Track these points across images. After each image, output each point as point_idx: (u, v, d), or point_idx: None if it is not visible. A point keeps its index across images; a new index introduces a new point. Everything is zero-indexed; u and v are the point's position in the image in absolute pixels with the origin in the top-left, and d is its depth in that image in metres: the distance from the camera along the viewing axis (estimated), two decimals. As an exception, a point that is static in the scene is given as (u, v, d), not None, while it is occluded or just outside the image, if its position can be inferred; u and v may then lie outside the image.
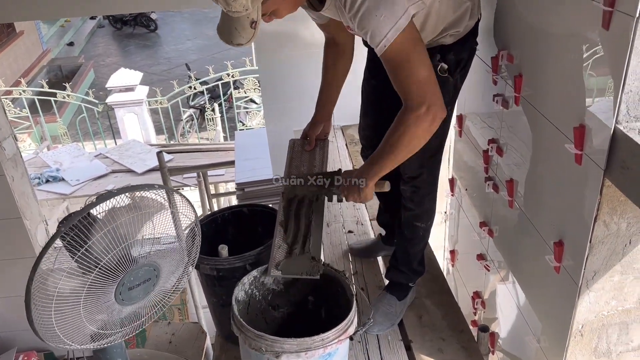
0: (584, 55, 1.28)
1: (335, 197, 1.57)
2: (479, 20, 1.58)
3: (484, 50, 1.83)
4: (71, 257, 1.34)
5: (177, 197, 1.53)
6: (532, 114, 1.57)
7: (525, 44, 1.59)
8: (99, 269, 1.36)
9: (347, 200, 1.50)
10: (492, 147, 1.85)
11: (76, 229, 1.32)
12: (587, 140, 1.29)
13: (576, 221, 1.39)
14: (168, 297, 1.60)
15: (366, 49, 1.73)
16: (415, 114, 1.31)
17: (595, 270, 1.38)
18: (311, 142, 1.79)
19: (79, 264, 1.34)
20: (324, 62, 1.73)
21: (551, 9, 1.42)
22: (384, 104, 1.73)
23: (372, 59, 1.73)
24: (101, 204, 1.38)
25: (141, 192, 1.47)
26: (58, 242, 1.34)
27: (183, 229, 1.58)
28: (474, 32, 1.56)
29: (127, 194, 1.43)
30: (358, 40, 1.73)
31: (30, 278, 1.31)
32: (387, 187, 1.50)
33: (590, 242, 1.33)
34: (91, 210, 1.37)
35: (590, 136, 1.28)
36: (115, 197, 1.40)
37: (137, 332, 1.60)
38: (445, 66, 1.49)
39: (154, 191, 1.47)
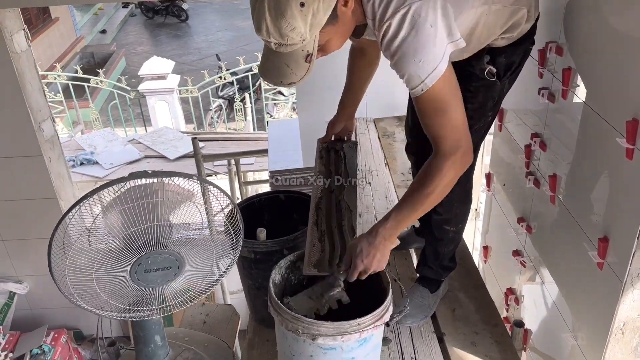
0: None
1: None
2: (537, 20, 1.43)
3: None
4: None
5: (212, 189, 1.54)
6: (581, 107, 1.54)
7: (577, 37, 1.55)
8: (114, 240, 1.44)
9: (367, 270, 1.38)
10: (535, 142, 1.82)
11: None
12: (640, 134, 1.26)
13: (624, 217, 1.36)
14: (196, 292, 1.62)
15: None
16: (451, 160, 1.24)
17: (642, 268, 1.35)
18: (327, 139, 1.73)
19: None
20: (349, 66, 1.67)
21: (607, 2, 1.39)
22: None
23: None
24: (134, 181, 1.45)
25: (174, 179, 1.50)
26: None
27: (215, 221, 1.60)
28: (531, 32, 1.43)
29: (156, 179, 1.47)
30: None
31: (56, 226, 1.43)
32: (396, 242, 1.42)
33: (638, 238, 1.30)
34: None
35: (644, 130, 1.25)
36: (147, 179, 1.46)
37: (163, 314, 1.62)
38: (494, 70, 1.38)
39: (189, 180, 1.51)
